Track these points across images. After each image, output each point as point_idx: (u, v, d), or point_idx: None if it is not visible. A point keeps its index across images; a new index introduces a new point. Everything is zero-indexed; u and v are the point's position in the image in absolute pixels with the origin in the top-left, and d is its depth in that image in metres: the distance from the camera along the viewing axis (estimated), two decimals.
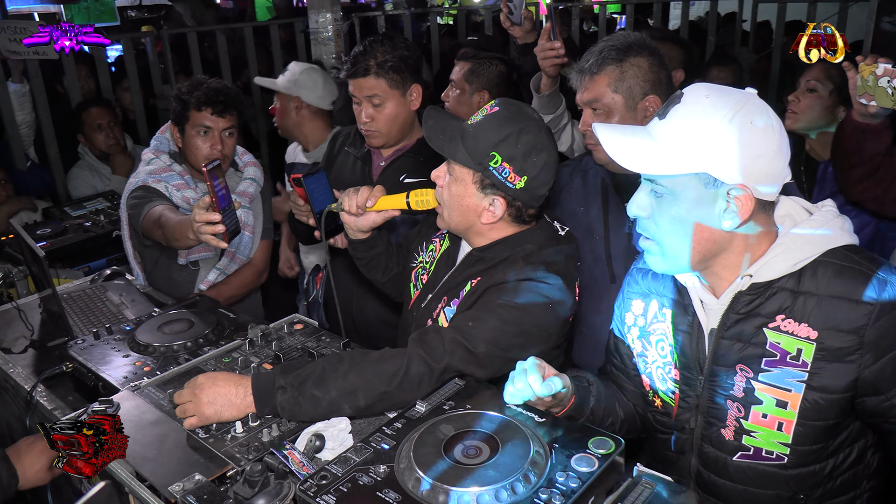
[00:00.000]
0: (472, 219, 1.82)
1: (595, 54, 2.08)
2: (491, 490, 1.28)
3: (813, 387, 1.45)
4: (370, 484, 1.34)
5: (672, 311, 1.62)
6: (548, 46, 2.49)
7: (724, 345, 1.52)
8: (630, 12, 7.07)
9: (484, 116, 1.77)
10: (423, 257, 2.07)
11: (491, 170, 1.74)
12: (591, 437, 1.42)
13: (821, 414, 1.47)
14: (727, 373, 1.52)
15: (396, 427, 1.50)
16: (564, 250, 1.85)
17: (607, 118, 2.06)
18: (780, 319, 1.46)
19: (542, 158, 1.74)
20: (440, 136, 1.80)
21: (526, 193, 1.76)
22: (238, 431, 1.60)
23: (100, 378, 1.89)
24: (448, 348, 1.66)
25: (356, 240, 2.09)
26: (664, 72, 2.07)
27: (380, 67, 2.40)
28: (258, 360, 1.90)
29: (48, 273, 2.23)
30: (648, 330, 1.68)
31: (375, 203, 1.96)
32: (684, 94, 1.43)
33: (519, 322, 1.72)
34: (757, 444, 1.53)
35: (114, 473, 1.56)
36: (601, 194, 2.22)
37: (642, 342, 1.70)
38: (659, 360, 1.66)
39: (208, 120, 2.66)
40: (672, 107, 1.43)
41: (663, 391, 1.67)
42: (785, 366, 1.46)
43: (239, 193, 2.80)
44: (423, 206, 1.93)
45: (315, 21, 5.16)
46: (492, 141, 1.73)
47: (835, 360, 1.42)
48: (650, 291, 1.69)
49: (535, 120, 1.78)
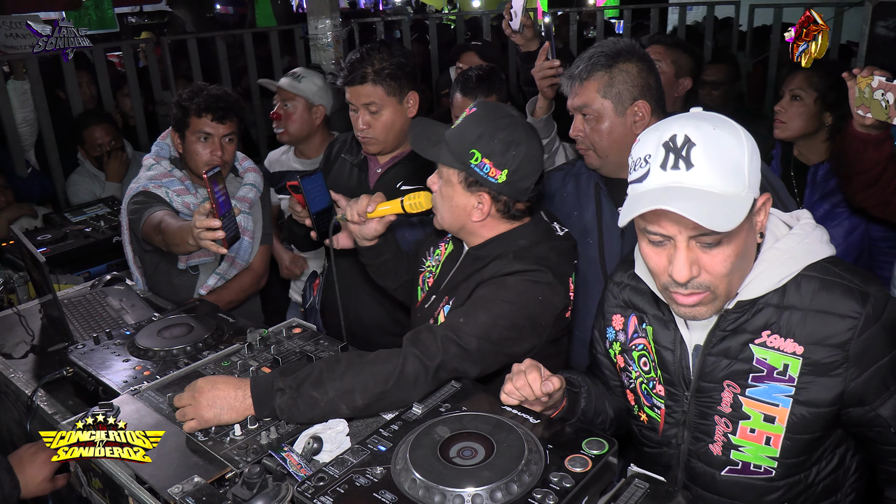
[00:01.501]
0: (464, 218, 1.88)
1: (585, 60, 2.11)
2: (486, 490, 1.30)
3: (800, 401, 1.45)
4: (367, 485, 1.35)
5: (653, 328, 1.61)
6: (546, 65, 2.53)
7: (711, 361, 1.52)
8: (628, 17, 7.09)
9: (463, 118, 1.84)
10: (430, 262, 2.11)
11: (472, 167, 1.79)
12: (585, 438, 1.43)
13: (808, 427, 1.47)
14: (714, 389, 1.52)
15: (393, 429, 1.52)
16: (557, 247, 1.88)
17: (597, 123, 2.10)
18: (766, 335, 1.46)
19: (521, 151, 1.77)
20: (425, 142, 1.88)
21: (508, 187, 1.80)
22: (237, 434, 1.62)
23: (100, 382, 1.91)
24: (441, 345, 1.68)
25: (364, 248, 2.15)
26: (653, 77, 2.10)
27: (377, 75, 2.41)
28: (257, 364, 1.92)
29: (49, 278, 2.25)
30: (630, 346, 1.68)
31: (374, 209, 2.03)
32: (687, 135, 1.32)
33: (509, 315, 1.74)
34: (745, 458, 1.53)
35: (113, 476, 1.57)
36: (594, 198, 2.24)
37: (624, 357, 1.70)
38: (643, 376, 1.65)
39: (208, 126, 2.68)
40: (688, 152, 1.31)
41: (648, 406, 1.66)
42: (772, 381, 1.47)
43: (239, 199, 2.82)
44: (417, 208, 2.00)
45: (314, 27, 5.18)
46: (470, 139, 1.79)
47: (821, 374, 1.43)
48: (629, 306, 1.68)
49: (512, 116, 1.82)
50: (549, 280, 1.79)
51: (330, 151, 2.79)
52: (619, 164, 2.14)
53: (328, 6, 5.16)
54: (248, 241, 2.84)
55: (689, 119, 1.36)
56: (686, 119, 1.36)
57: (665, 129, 1.36)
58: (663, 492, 1.38)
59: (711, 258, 1.37)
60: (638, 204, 1.34)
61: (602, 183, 2.22)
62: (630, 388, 1.70)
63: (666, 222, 1.35)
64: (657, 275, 1.43)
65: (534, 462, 1.37)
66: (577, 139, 2.15)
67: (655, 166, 1.35)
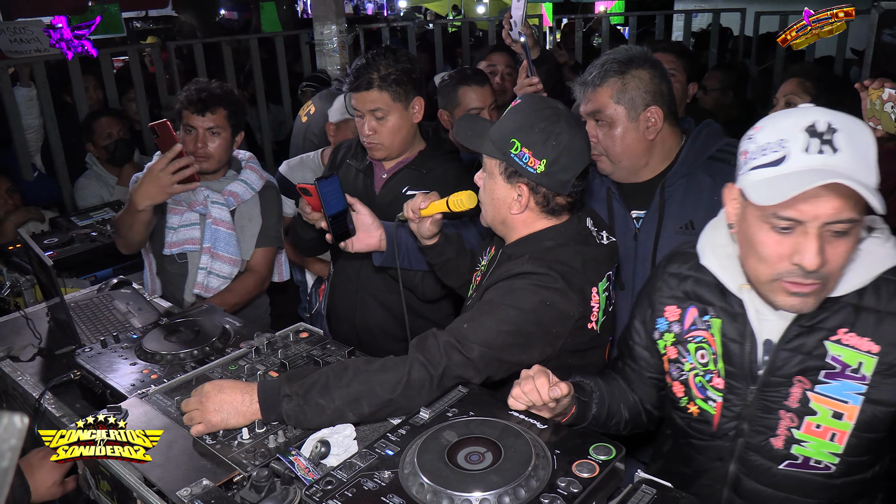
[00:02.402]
0: (504, 212, 1.86)
1: (598, 67, 2.12)
2: (494, 495, 1.30)
3: (872, 400, 1.46)
4: (375, 489, 1.36)
5: (721, 320, 1.60)
6: (527, 83, 2.56)
7: (784, 356, 1.51)
8: (633, 24, 7.11)
9: (508, 110, 1.84)
10: (484, 261, 2.10)
11: (512, 156, 1.78)
12: (592, 444, 1.44)
13: (876, 426, 1.48)
14: (783, 383, 1.52)
15: (401, 433, 1.53)
16: (586, 253, 1.83)
17: (610, 129, 2.10)
18: (843, 333, 1.46)
19: (561, 142, 1.75)
20: (469, 133, 1.89)
21: (547, 178, 1.77)
22: (245, 438, 1.62)
23: (107, 385, 1.92)
24: (444, 353, 1.66)
25: (426, 247, 2.20)
26: (665, 84, 2.11)
27: (383, 81, 2.42)
28: (264, 369, 1.92)
29: (56, 282, 2.26)
30: (685, 337, 1.66)
31: (427, 207, 2.07)
32: (829, 122, 1.33)
33: (515, 321, 1.70)
34: (807, 453, 1.53)
35: (122, 478, 1.58)
36: (606, 203, 2.25)
37: (678, 349, 1.68)
38: (698, 368, 1.64)
39: (191, 119, 2.74)
40: (832, 137, 1.32)
41: (702, 399, 1.64)
42: (844, 378, 1.47)
43: (225, 193, 2.85)
44: (461, 206, 2.03)
45: (320, 32, 5.21)
46: (511, 129, 1.78)
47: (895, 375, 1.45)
48: (690, 297, 1.66)
49: (554, 108, 1.80)
50: (558, 286, 1.73)
51: (335, 157, 2.80)
52: (631, 169, 2.16)
53: (334, 11, 5.19)
54: (228, 233, 2.83)
55: (819, 108, 1.37)
56: (816, 108, 1.37)
57: (799, 115, 1.36)
58: (671, 498, 1.38)
59: (835, 249, 1.36)
60: (798, 182, 1.30)
61: (614, 188, 2.23)
62: (680, 380, 1.68)
63: (804, 206, 1.33)
64: (772, 263, 1.40)
65: (541, 467, 1.37)
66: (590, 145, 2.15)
67: (797, 150, 1.33)
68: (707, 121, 2.22)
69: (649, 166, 2.16)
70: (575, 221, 1.87)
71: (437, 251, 2.21)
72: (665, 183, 2.13)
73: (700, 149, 2.13)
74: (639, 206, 2.19)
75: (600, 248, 1.87)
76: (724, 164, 2.06)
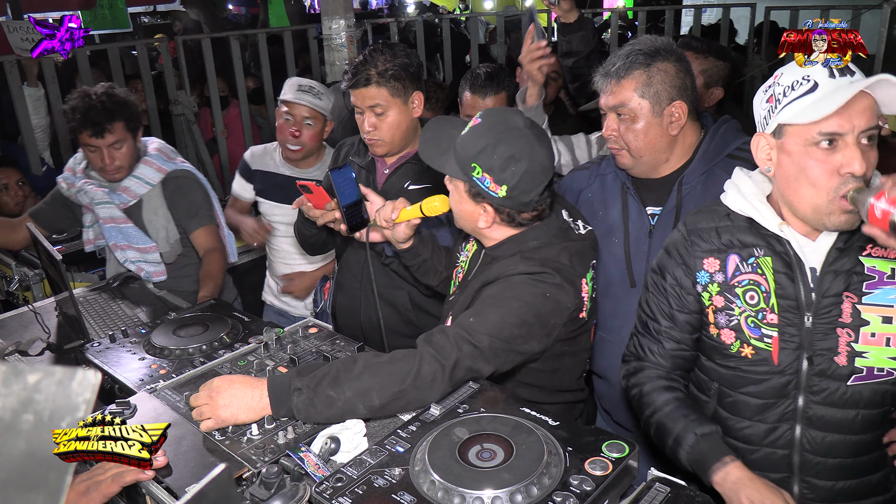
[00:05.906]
0: (472, 223, 1.89)
1: (622, 58, 2.04)
2: (506, 493, 1.29)
3: None
4: (385, 486, 1.35)
5: (770, 258, 1.68)
6: (534, 47, 2.48)
7: (829, 278, 1.62)
8: (642, 18, 7.07)
9: (469, 128, 1.83)
10: (462, 257, 2.12)
11: (475, 179, 1.80)
12: (605, 441, 1.42)
13: None
14: (834, 303, 1.63)
15: (411, 430, 1.52)
16: (571, 248, 1.85)
17: (633, 123, 2.05)
18: (870, 248, 1.62)
19: (521, 167, 1.75)
20: (434, 149, 1.90)
21: (510, 201, 1.79)
22: (254, 434, 1.61)
23: (116, 380, 1.91)
24: (455, 344, 1.68)
25: (401, 250, 2.21)
26: (689, 78, 2.05)
27: (381, 76, 2.40)
28: (273, 364, 1.92)
29: (65, 276, 2.25)
30: (731, 283, 1.72)
31: (398, 215, 2.08)
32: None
33: (518, 313, 1.73)
34: (869, 363, 1.62)
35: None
36: (621, 197, 2.21)
37: (725, 297, 1.73)
38: (748, 310, 1.70)
39: (91, 140, 2.77)
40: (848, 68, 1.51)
41: (756, 339, 1.70)
42: (884, 285, 1.62)
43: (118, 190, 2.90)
44: (434, 210, 2.03)
45: (328, 27, 5.20)
46: (472, 152, 1.79)
47: None
48: (729, 246, 1.72)
49: (516, 129, 1.78)
50: (555, 281, 1.77)
51: (338, 154, 2.79)
52: (651, 164, 2.11)
53: (342, 6, 5.18)
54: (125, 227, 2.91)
55: None
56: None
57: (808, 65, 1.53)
58: (685, 496, 1.36)
59: (868, 157, 1.50)
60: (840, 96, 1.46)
61: (629, 182, 2.19)
62: (730, 326, 1.73)
63: (841, 119, 1.48)
64: (825, 181, 1.52)
65: (553, 464, 1.36)
66: (610, 139, 2.10)
67: (823, 78, 1.50)
68: (725, 116, 2.17)
69: (669, 162, 2.11)
70: (553, 218, 1.90)
71: (413, 253, 2.22)
72: (682, 180, 2.09)
73: (719, 145, 2.09)
74: (654, 202, 2.15)
75: (582, 241, 1.91)
76: (744, 162, 2.00)
